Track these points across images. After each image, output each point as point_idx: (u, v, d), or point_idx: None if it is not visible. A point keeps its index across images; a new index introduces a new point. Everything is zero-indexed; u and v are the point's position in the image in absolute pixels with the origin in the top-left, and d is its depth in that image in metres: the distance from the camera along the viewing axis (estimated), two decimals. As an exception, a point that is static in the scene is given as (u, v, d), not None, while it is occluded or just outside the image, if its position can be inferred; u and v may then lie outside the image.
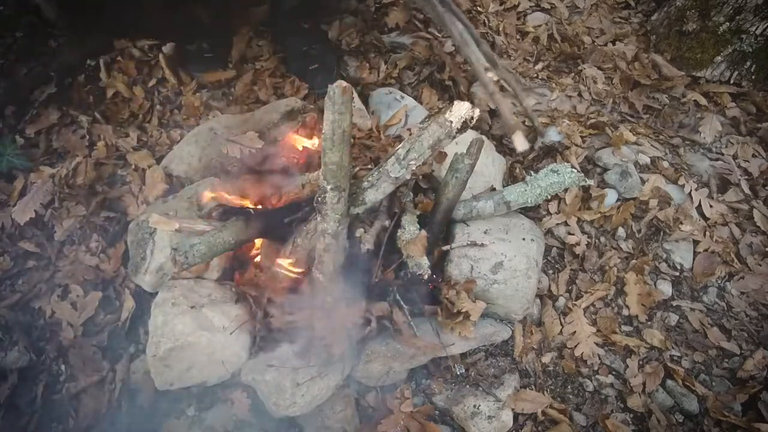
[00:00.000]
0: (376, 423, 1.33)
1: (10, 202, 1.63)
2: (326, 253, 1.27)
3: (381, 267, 1.40)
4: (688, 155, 1.93)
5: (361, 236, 1.35)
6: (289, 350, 1.32)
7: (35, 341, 1.46)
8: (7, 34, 1.83)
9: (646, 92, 2.08)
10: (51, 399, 1.39)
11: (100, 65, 1.91)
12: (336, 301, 1.35)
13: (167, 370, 1.31)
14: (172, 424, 1.35)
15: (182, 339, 1.29)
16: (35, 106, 1.79)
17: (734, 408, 1.45)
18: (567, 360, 1.52)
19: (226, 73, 1.95)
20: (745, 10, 1.95)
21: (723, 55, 2.05)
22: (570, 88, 2.07)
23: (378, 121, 1.83)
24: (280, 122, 1.72)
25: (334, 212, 1.17)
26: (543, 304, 1.61)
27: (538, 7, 2.38)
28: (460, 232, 1.51)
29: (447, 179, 1.39)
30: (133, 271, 1.48)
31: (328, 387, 1.31)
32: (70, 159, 1.69)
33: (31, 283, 1.53)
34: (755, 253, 1.72)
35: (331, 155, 1.06)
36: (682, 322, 1.61)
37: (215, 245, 1.26)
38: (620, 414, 1.46)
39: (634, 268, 1.65)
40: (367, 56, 2.08)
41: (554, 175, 1.47)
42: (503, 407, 1.38)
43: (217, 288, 1.43)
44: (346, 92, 0.97)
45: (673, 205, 1.75)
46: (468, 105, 1.10)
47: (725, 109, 2.04)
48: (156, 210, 1.49)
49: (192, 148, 1.65)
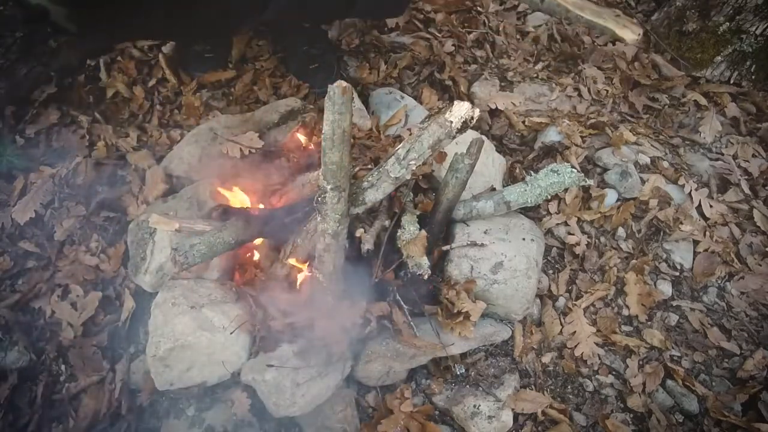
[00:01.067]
0: (376, 423, 1.33)
1: (10, 202, 1.62)
2: (326, 253, 1.27)
3: (381, 267, 1.41)
4: (688, 155, 1.93)
5: (361, 236, 1.35)
6: (289, 350, 1.32)
7: (35, 341, 1.46)
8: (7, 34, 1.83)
9: (646, 92, 2.08)
10: (51, 399, 1.39)
11: (100, 65, 1.91)
12: (336, 301, 1.35)
13: (167, 370, 1.31)
14: (172, 424, 1.35)
15: (182, 339, 1.29)
16: (35, 106, 1.79)
17: (734, 408, 1.45)
18: (567, 360, 1.52)
19: (226, 73, 1.95)
20: (745, 10, 1.95)
21: (723, 55, 2.05)
22: (570, 88, 2.06)
23: (378, 121, 1.83)
24: (280, 122, 1.73)
25: (334, 212, 1.17)
26: (543, 304, 1.61)
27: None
28: (460, 232, 1.51)
29: (447, 179, 1.39)
30: (133, 271, 1.48)
31: (328, 387, 1.31)
32: (70, 159, 1.69)
33: (31, 283, 1.53)
34: (755, 253, 1.72)
35: (331, 155, 1.06)
36: (682, 322, 1.61)
37: (215, 245, 1.26)
38: (620, 414, 1.46)
39: (634, 268, 1.65)
40: (367, 56, 2.08)
41: (554, 175, 1.47)
42: (503, 407, 1.38)
43: (217, 288, 1.43)
44: (346, 92, 0.97)
45: (673, 205, 1.75)
46: (468, 105, 1.10)
47: (725, 109, 2.04)
48: (156, 210, 1.49)
49: (192, 148, 1.65)
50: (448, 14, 2.27)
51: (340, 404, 1.36)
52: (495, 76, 2.10)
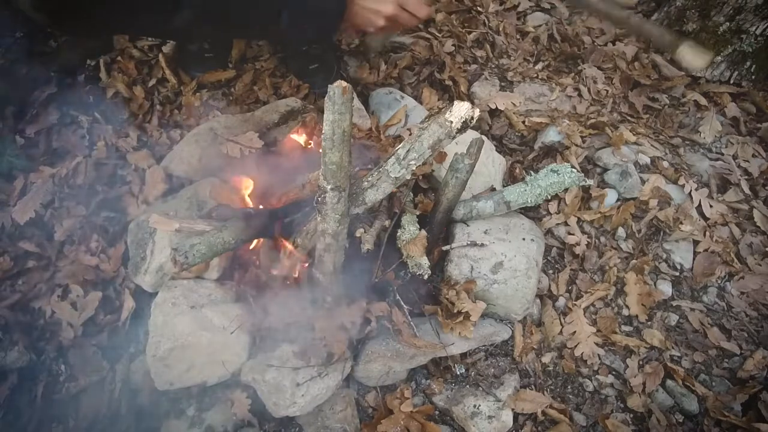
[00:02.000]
0: (376, 423, 1.33)
1: (10, 202, 1.62)
2: (326, 253, 1.27)
3: (381, 267, 1.41)
4: (688, 155, 1.93)
5: (361, 236, 1.35)
6: (289, 350, 1.32)
7: (35, 341, 1.46)
8: (7, 34, 1.83)
9: (646, 92, 2.08)
10: (51, 399, 1.39)
11: (100, 65, 1.91)
12: (336, 301, 1.35)
13: (167, 370, 1.31)
14: (172, 424, 1.35)
15: (182, 339, 1.29)
16: (35, 106, 1.79)
17: (734, 408, 1.45)
18: (567, 360, 1.52)
19: (226, 73, 1.95)
20: (745, 10, 1.95)
21: (723, 55, 2.05)
22: (570, 88, 2.06)
23: (378, 121, 1.83)
24: (280, 122, 1.73)
25: (334, 212, 1.17)
26: (543, 304, 1.61)
27: (538, 7, 2.38)
28: (460, 232, 1.51)
29: (447, 179, 1.39)
30: (133, 271, 1.48)
31: (328, 387, 1.31)
32: (70, 159, 1.69)
33: (31, 283, 1.52)
34: (755, 253, 1.72)
35: (331, 155, 1.06)
36: (682, 322, 1.61)
37: (215, 245, 1.26)
38: (620, 414, 1.46)
39: (634, 268, 1.65)
40: (367, 56, 2.08)
41: (554, 175, 1.47)
42: (503, 407, 1.38)
43: (217, 288, 1.43)
44: (346, 92, 0.97)
45: (673, 205, 1.75)
46: (468, 105, 1.10)
47: (725, 109, 2.04)
48: (156, 210, 1.49)
49: (192, 148, 1.65)
50: (448, 14, 2.27)
51: (340, 404, 1.36)
52: (495, 76, 2.10)
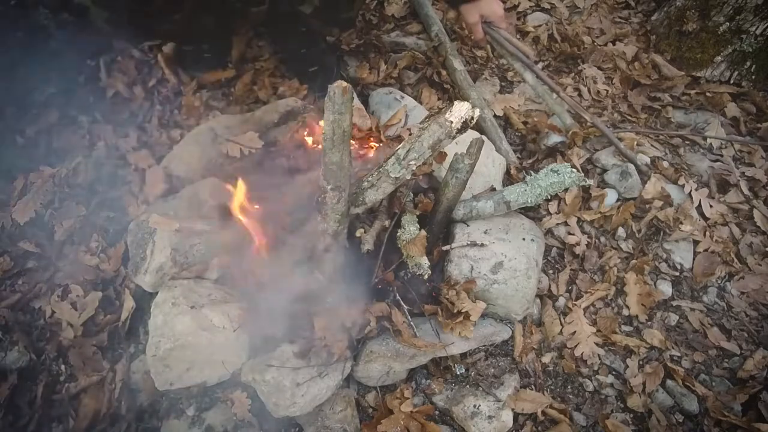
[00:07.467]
0: (376, 423, 1.33)
1: (10, 202, 1.62)
2: (326, 253, 1.27)
3: (381, 267, 1.41)
4: (688, 155, 1.93)
5: (361, 236, 1.35)
6: (289, 350, 1.32)
7: (35, 341, 1.46)
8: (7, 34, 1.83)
9: (646, 92, 2.08)
10: (51, 399, 1.39)
11: (100, 65, 1.91)
12: (336, 301, 1.35)
13: (167, 370, 1.31)
14: (172, 424, 1.35)
15: (182, 339, 1.29)
16: (35, 106, 1.79)
17: (734, 408, 1.45)
18: (567, 360, 1.52)
19: (226, 73, 1.95)
20: (745, 10, 1.95)
21: (723, 55, 2.05)
22: (570, 88, 2.06)
23: (378, 121, 1.83)
24: (280, 122, 1.72)
25: (334, 212, 1.17)
26: (543, 304, 1.61)
27: (538, 7, 2.38)
28: (460, 232, 1.51)
29: (447, 179, 1.39)
30: (133, 271, 1.48)
31: (328, 387, 1.31)
32: (70, 159, 1.69)
33: (31, 283, 1.53)
34: (755, 253, 1.72)
35: (331, 155, 1.06)
36: (682, 322, 1.61)
37: (215, 245, 1.26)
38: (620, 414, 1.46)
39: (634, 268, 1.65)
40: (367, 56, 2.08)
41: (554, 175, 1.47)
42: (503, 407, 1.38)
43: (217, 288, 1.43)
44: (346, 92, 0.97)
45: (673, 205, 1.75)
46: (468, 105, 1.10)
47: (725, 109, 2.04)
48: (156, 210, 1.49)
49: (192, 148, 1.65)
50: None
51: (340, 404, 1.36)
52: (495, 76, 2.10)
